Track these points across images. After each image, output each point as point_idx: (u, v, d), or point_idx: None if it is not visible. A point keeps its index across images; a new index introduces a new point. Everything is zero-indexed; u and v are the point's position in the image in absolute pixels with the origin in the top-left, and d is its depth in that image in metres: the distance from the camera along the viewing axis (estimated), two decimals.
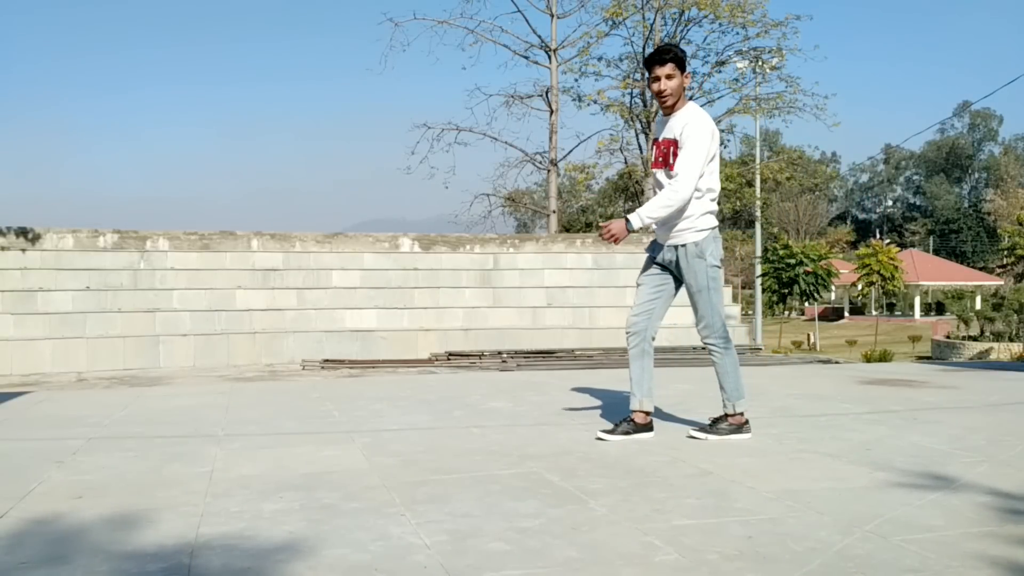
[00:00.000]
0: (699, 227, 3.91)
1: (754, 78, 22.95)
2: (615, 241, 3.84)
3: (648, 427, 4.08)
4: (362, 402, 5.67)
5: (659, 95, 3.94)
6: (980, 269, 61.55)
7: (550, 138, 22.16)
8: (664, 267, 4.05)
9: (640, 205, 3.96)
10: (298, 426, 4.62)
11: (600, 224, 3.84)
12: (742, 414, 4.04)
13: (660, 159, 3.96)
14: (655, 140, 4.07)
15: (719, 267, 3.98)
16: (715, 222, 3.99)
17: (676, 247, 3.95)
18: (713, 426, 4.05)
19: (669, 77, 3.89)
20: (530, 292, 14.01)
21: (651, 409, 4.11)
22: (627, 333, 4.11)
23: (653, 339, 4.12)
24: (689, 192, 3.79)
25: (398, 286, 13.76)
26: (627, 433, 4.01)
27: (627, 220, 3.80)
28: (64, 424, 4.86)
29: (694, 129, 3.83)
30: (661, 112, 4.04)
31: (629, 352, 4.11)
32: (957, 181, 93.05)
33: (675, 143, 3.88)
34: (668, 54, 3.91)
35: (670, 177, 3.88)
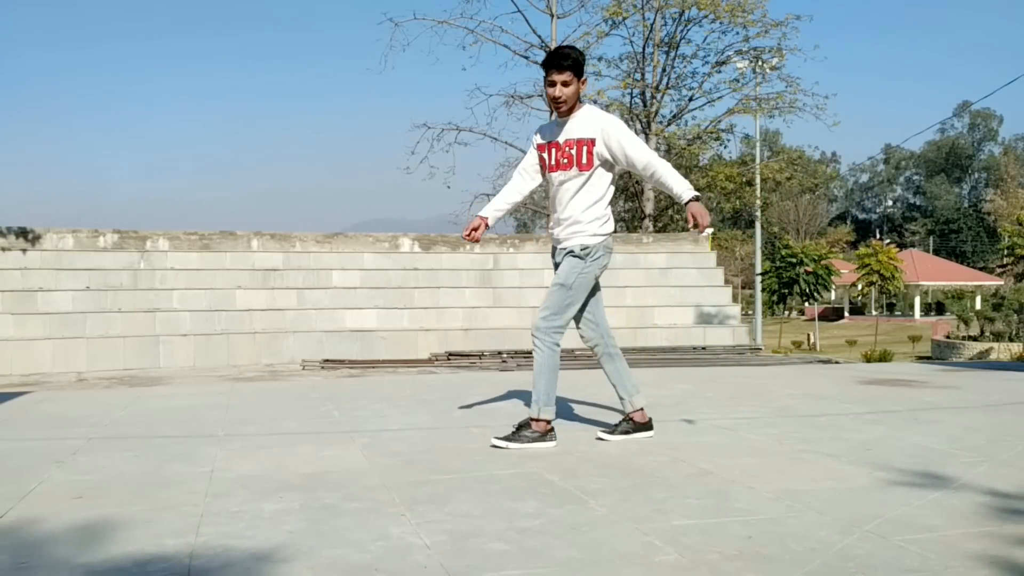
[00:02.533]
0: (592, 231, 3.84)
1: (754, 78, 22.96)
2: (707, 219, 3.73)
3: (647, 425, 4.06)
4: (362, 402, 5.67)
5: (554, 101, 3.81)
6: (980, 269, 61.57)
7: None
8: None
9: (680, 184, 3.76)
10: (298, 426, 4.62)
11: (701, 227, 3.66)
12: (548, 421, 3.88)
13: (565, 160, 3.83)
14: (550, 143, 3.90)
15: (595, 277, 3.90)
16: (610, 229, 3.90)
17: (565, 250, 3.88)
18: (516, 434, 3.86)
19: (566, 84, 3.76)
20: (530, 292, 14.01)
21: (642, 405, 4.05)
22: (587, 346, 4.05)
23: (611, 340, 4.06)
24: (666, 162, 3.83)
25: (398, 286, 13.76)
26: (627, 432, 4.00)
27: (695, 198, 3.69)
28: (64, 424, 4.86)
29: (620, 127, 3.81)
30: (558, 114, 3.89)
31: (599, 360, 4.06)
32: (957, 181, 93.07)
33: (589, 142, 3.77)
34: (567, 60, 3.76)
35: (580, 175, 3.80)
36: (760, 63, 22.38)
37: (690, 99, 23.59)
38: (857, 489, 3.00)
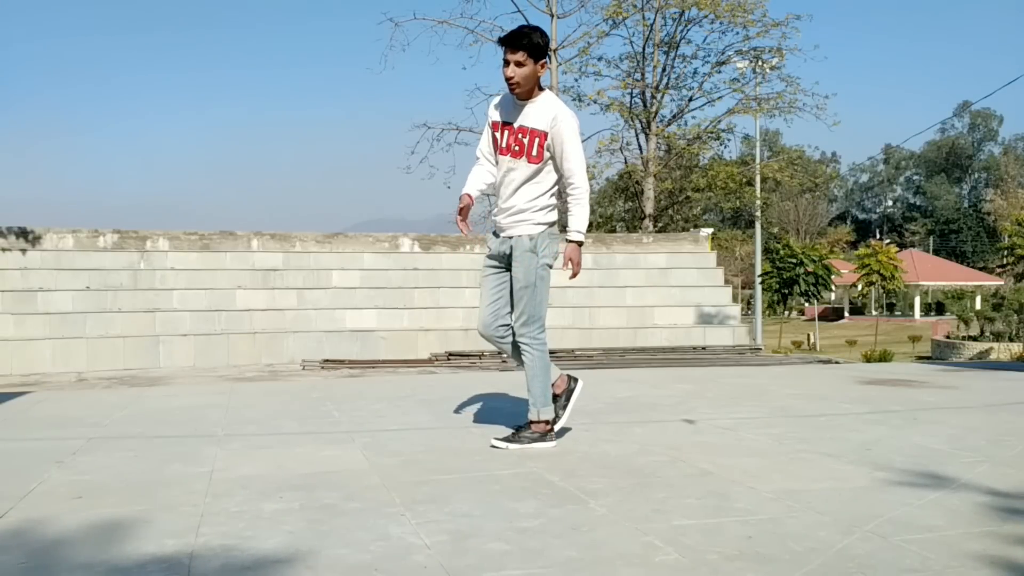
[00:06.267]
0: (536, 220, 3.77)
1: (754, 78, 22.96)
2: (580, 268, 3.75)
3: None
4: (362, 402, 5.67)
5: (508, 81, 3.65)
6: (980, 269, 61.55)
7: None
8: (500, 261, 3.89)
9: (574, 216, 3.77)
10: (298, 426, 4.62)
11: (573, 273, 3.73)
12: (547, 422, 3.84)
13: (517, 148, 3.73)
14: (504, 123, 3.78)
15: (550, 266, 3.81)
16: (554, 218, 3.82)
17: (511, 238, 3.81)
18: (516, 435, 3.85)
19: (519, 64, 3.61)
20: None
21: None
22: (483, 337, 3.96)
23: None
24: (588, 185, 3.79)
25: (398, 286, 13.76)
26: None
27: (577, 243, 3.72)
28: (64, 424, 4.86)
29: (570, 126, 3.69)
30: (515, 96, 3.74)
31: (511, 355, 3.95)
32: (957, 181, 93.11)
33: (542, 135, 3.68)
34: (523, 40, 3.61)
35: (530, 167, 3.73)
36: (760, 63, 22.39)
37: (690, 99, 23.61)
38: (857, 489, 3.00)
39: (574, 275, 3.76)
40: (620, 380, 7.05)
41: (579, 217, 3.75)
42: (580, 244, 3.75)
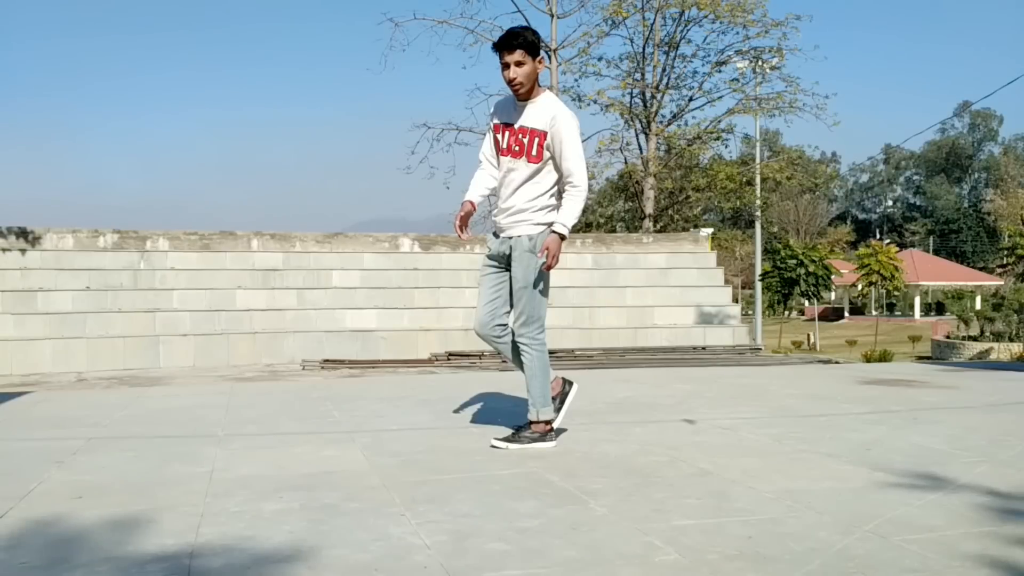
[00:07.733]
0: (536, 220, 3.79)
1: (754, 78, 22.96)
2: (557, 261, 3.75)
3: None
4: (362, 402, 5.67)
5: (510, 83, 3.70)
6: (980, 269, 61.56)
7: None
8: (499, 261, 3.90)
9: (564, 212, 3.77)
10: (298, 426, 4.62)
11: (548, 262, 3.71)
12: (547, 422, 3.86)
13: (517, 148, 3.77)
14: (506, 124, 3.82)
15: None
16: (554, 218, 3.82)
17: (510, 238, 3.82)
18: (516, 435, 3.87)
19: (519, 64, 3.67)
20: None
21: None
22: (479, 336, 3.97)
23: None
24: (587, 184, 3.81)
25: (398, 286, 13.76)
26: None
27: (559, 236, 3.71)
28: (64, 424, 4.86)
29: (569, 125, 3.71)
30: (515, 97, 3.79)
31: (511, 355, 3.95)
32: (957, 181, 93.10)
33: (541, 135, 3.71)
34: (517, 39, 3.67)
35: (529, 166, 3.75)
36: (760, 63, 22.39)
37: (690, 99, 23.61)
38: (857, 489, 3.01)
39: (549, 267, 3.73)
40: (620, 380, 7.05)
41: (569, 211, 3.75)
42: (563, 238, 3.74)
